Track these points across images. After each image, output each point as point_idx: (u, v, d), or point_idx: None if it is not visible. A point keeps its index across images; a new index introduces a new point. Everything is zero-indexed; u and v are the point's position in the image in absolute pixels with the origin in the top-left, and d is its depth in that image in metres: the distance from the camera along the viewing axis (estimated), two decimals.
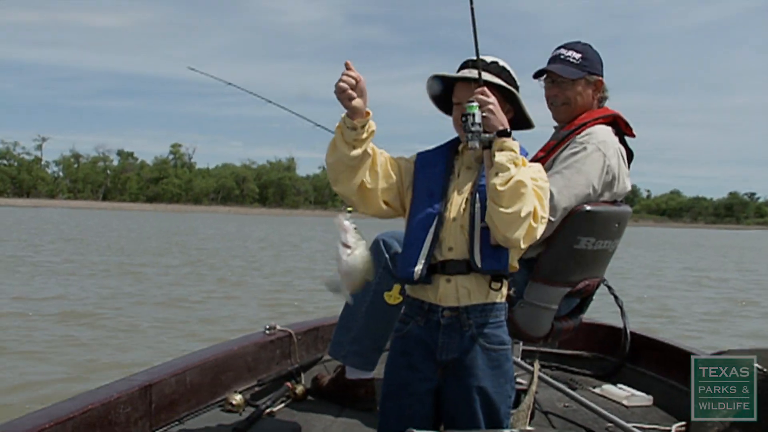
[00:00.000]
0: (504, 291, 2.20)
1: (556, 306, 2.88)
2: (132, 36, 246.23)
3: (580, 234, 2.80)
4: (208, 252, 23.86)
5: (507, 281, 2.21)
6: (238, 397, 3.01)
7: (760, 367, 2.43)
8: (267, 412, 3.00)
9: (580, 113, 3.02)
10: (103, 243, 26.51)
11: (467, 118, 2.07)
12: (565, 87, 3.02)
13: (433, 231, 2.17)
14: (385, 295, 3.06)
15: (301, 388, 3.31)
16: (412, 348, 2.22)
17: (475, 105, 2.08)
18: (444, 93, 2.29)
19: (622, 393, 3.70)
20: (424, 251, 2.16)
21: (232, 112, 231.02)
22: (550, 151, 2.96)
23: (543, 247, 2.80)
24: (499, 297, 2.19)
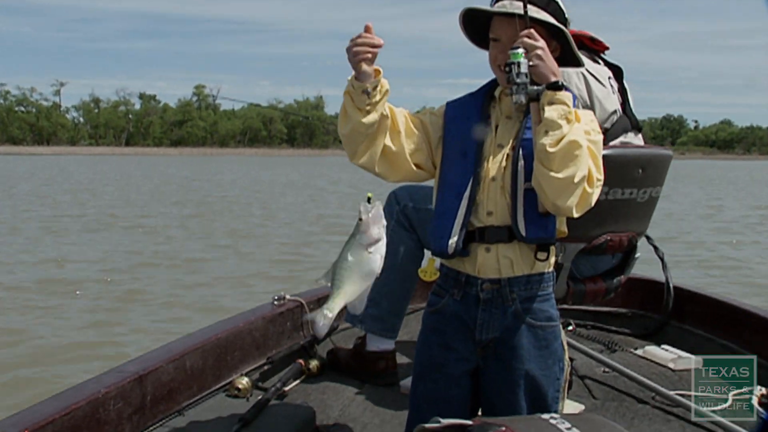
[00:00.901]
0: (552, 260, 2.02)
1: (568, 264, 2.74)
2: None
3: None
4: (225, 201, 23.47)
5: (555, 248, 2.02)
6: (244, 381, 2.84)
7: None
8: (277, 394, 2.83)
9: None
10: (109, 193, 26.54)
11: (511, 68, 1.82)
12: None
13: (468, 194, 1.97)
14: (419, 272, 2.96)
15: (315, 363, 3.16)
16: (446, 325, 2.06)
17: (520, 52, 1.82)
18: (478, 26, 2.03)
19: (667, 355, 3.53)
20: (459, 220, 1.97)
21: (260, 50, 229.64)
22: None
23: None
24: (547, 267, 2.01)
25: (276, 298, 3.39)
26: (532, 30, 1.86)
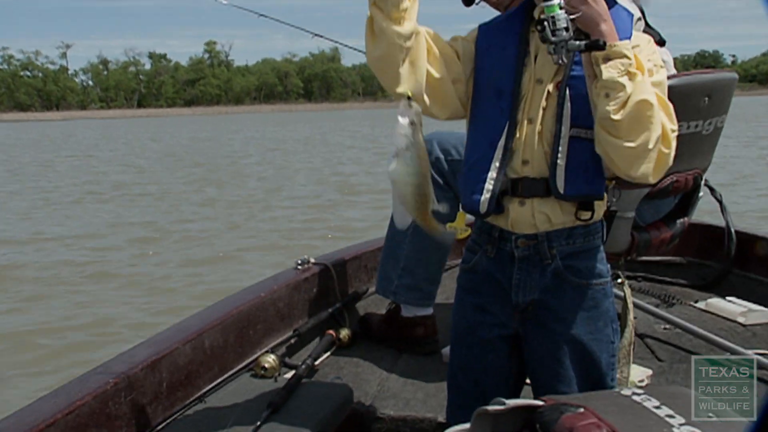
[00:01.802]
0: (600, 210, 1.77)
1: (631, 213, 2.48)
2: None
3: None
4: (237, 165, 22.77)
5: (604, 200, 1.77)
6: (270, 358, 2.58)
7: None
8: (308, 371, 2.58)
9: None
10: (110, 158, 26.30)
11: (544, 25, 1.51)
12: None
13: (503, 143, 1.71)
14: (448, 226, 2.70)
15: (345, 332, 2.93)
16: (480, 285, 1.84)
17: (555, 3, 1.49)
18: None
19: (734, 308, 3.28)
20: (493, 173, 1.72)
21: (272, 3, 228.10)
22: None
23: None
24: (595, 217, 1.76)
25: (299, 262, 3.12)
26: None
